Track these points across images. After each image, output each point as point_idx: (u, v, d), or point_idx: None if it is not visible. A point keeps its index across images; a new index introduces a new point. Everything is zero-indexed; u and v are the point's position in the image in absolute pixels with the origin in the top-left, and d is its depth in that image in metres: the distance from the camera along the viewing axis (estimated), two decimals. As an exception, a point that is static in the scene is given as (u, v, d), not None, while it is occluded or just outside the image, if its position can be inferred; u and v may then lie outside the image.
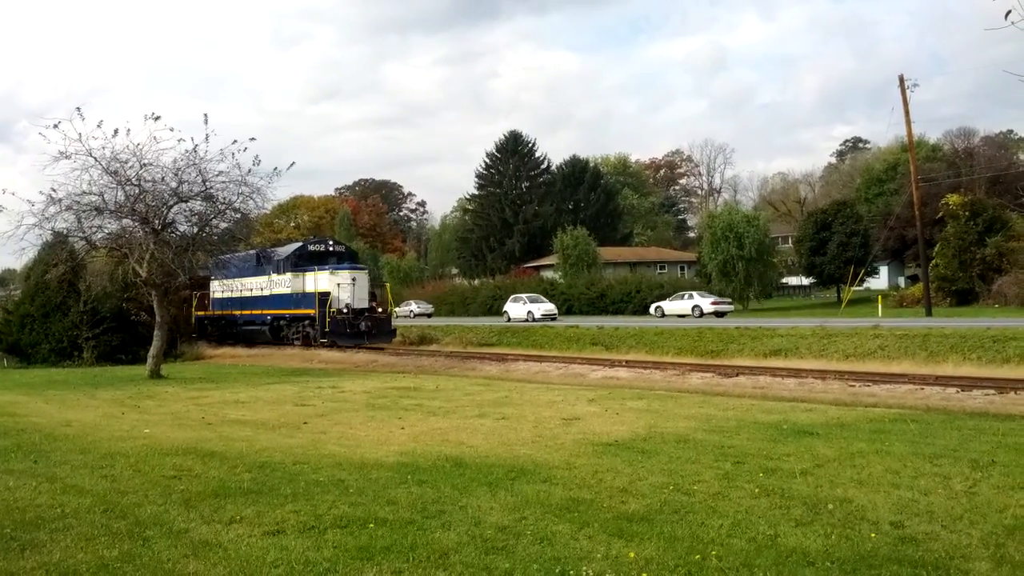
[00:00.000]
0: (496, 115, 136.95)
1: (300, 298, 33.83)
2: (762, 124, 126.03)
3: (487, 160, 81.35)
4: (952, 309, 44.71)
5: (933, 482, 8.09)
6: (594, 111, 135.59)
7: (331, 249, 36.52)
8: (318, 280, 33.19)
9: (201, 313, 41.05)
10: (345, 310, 32.09)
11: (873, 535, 6.36)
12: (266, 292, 36.09)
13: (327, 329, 31.83)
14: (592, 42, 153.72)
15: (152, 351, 24.27)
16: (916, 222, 41.46)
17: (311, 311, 32.84)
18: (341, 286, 32.61)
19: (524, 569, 5.69)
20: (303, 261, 34.97)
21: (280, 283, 35.15)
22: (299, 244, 36.39)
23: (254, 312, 36.92)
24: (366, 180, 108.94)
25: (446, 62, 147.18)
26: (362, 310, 32.98)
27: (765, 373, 19.31)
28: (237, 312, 38.34)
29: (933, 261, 48.50)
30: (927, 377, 17.28)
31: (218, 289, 39.97)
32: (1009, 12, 5.64)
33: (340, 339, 31.88)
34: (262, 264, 36.26)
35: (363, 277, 34.06)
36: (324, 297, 32.28)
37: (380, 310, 33.93)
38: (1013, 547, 6.01)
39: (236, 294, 38.45)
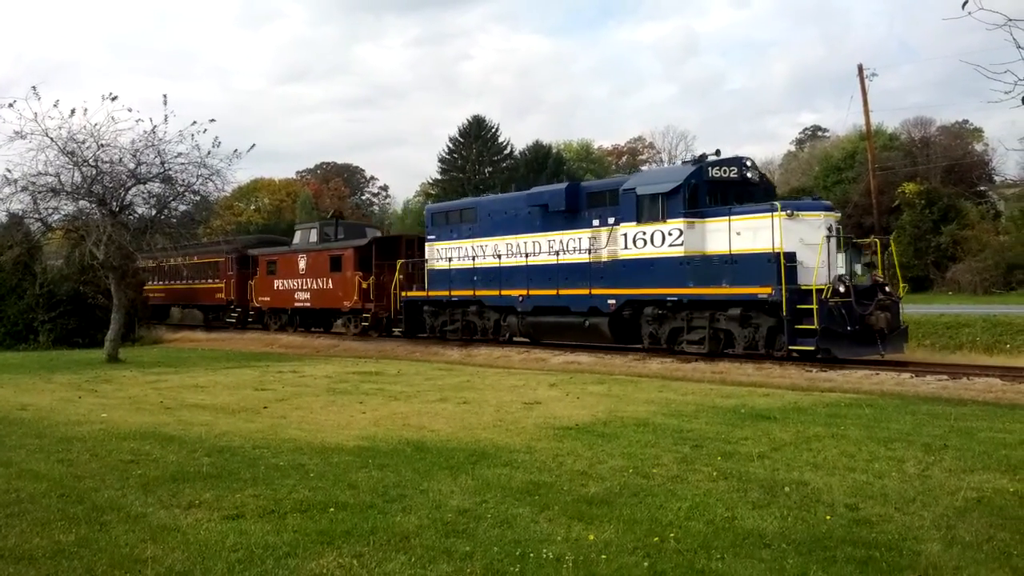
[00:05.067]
0: (466, 98, 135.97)
1: (716, 265, 18.87)
2: (730, 110, 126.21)
3: (450, 145, 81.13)
4: (907, 296, 45.35)
5: (887, 465, 8.24)
6: (564, 95, 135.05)
7: (748, 176, 20.31)
8: (757, 232, 18.21)
9: (413, 294, 27.26)
10: (843, 290, 17.37)
11: (828, 517, 6.47)
12: (595, 257, 21.42)
13: (817, 326, 17.02)
14: (563, 26, 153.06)
15: (109, 335, 23.97)
16: (873, 210, 42.02)
17: (757, 290, 17.85)
18: (825, 243, 17.89)
19: (484, 552, 5.73)
20: (700, 198, 19.54)
21: (644, 238, 20.07)
22: (691, 169, 19.79)
23: (562, 292, 22.20)
24: (327, 163, 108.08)
25: (418, 43, 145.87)
26: (868, 290, 18.32)
27: (723, 358, 19.47)
28: (512, 292, 23.63)
29: (889, 249, 49.15)
30: (882, 362, 17.52)
31: (451, 254, 25.84)
32: (966, 2, 5.71)
33: (839, 346, 17.38)
34: (581, 209, 22.08)
35: (835, 226, 18.79)
36: (789, 263, 17.60)
37: (888, 289, 18.65)
38: (963, 528, 6.14)
39: (499, 261, 24.03)
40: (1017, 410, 12.05)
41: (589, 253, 21.58)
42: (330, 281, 31.11)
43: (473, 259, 25.03)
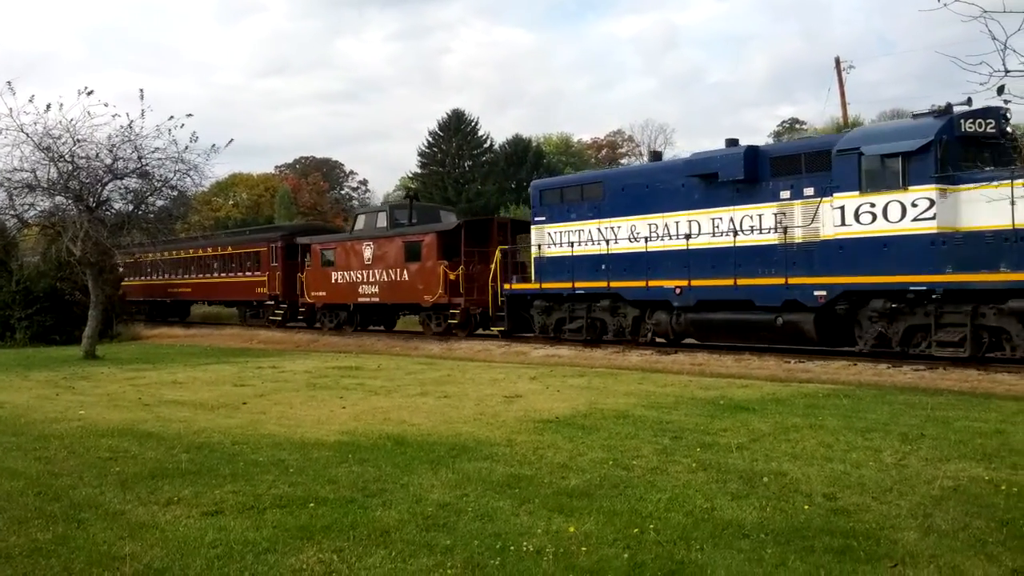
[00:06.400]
0: (447, 92, 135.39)
1: (989, 244, 14.95)
2: (710, 103, 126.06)
3: (430, 139, 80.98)
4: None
5: (864, 455, 8.30)
6: (544, 89, 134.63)
7: (1006, 131, 16.45)
8: None
9: (520, 287, 23.67)
10: None
11: (806, 507, 6.51)
12: (788, 238, 17.56)
13: None
14: (544, 19, 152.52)
15: (87, 331, 23.79)
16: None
17: None
18: None
19: (465, 545, 5.73)
20: (951, 159, 15.42)
21: (873, 211, 16.09)
22: (939, 123, 15.63)
23: (741, 282, 18.18)
24: (306, 158, 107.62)
25: (399, 37, 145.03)
26: None
27: (703, 350, 19.55)
28: (664, 283, 19.65)
29: None
30: (859, 353, 17.63)
31: (570, 238, 22.07)
32: (946, -7, 5.72)
33: None
34: (762, 178, 18.19)
35: None
36: None
37: None
38: (940, 517, 6.19)
39: (644, 245, 20.23)
40: (992, 399, 12.16)
41: (784, 233, 17.57)
42: (406, 272, 27.19)
43: (607, 243, 21.10)
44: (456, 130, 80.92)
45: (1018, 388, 13.23)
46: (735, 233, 18.40)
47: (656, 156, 21.60)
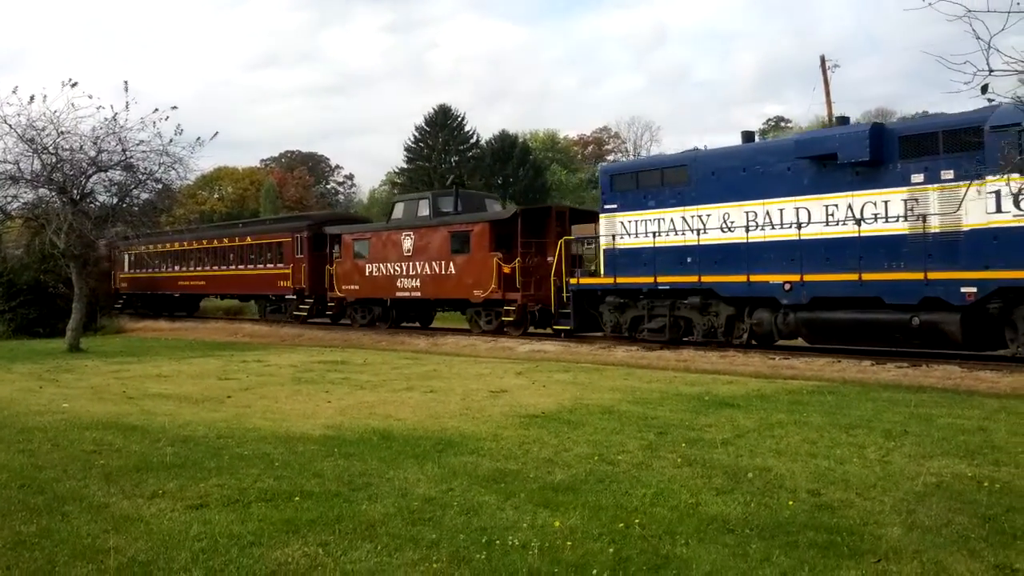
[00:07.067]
0: (435, 86, 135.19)
1: None
2: (698, 101, 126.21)
3: (416, 134, 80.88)
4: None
5: (848, 451, 8.35)
6: (533, 84, 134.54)
7: None
8: None
9: (589, 281, 21.41)
10: None
11: (791, 503, 6.54)
12: (924, 227, 15.44)
13: None
14: (533, 14, 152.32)
15: (71, 324, 23.67)
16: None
17: None
18: None
19: (451, 539, 5.73)
20: None
21: None
22: None
23: (867, 277, 16.00)
24: (292, 152, 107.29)
25: (387, 30, 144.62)
26: None
27: (688, 346, 19.59)
28: (770, 278, 17.42)
29: None
30: (843, 350, 17.72)
31: (648, 227, 19.72)
32: (931, -8, 5.76)
33: None
34: (888, 160, 16.02)
35: None
36: None
37: None
38: (923, 513, 6.23)
39: (745, 236, 17.97)
40: (975, 396, 12.24)
41: (922, 221, 15.43)
42: (452, 265, 25.09)
43: (696, 233, 18.75)
44: (443, 125, 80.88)
45: (1000, 386, 13.33)
46: (858, 222, 16.27)
47: (749, 136, 19.53)
